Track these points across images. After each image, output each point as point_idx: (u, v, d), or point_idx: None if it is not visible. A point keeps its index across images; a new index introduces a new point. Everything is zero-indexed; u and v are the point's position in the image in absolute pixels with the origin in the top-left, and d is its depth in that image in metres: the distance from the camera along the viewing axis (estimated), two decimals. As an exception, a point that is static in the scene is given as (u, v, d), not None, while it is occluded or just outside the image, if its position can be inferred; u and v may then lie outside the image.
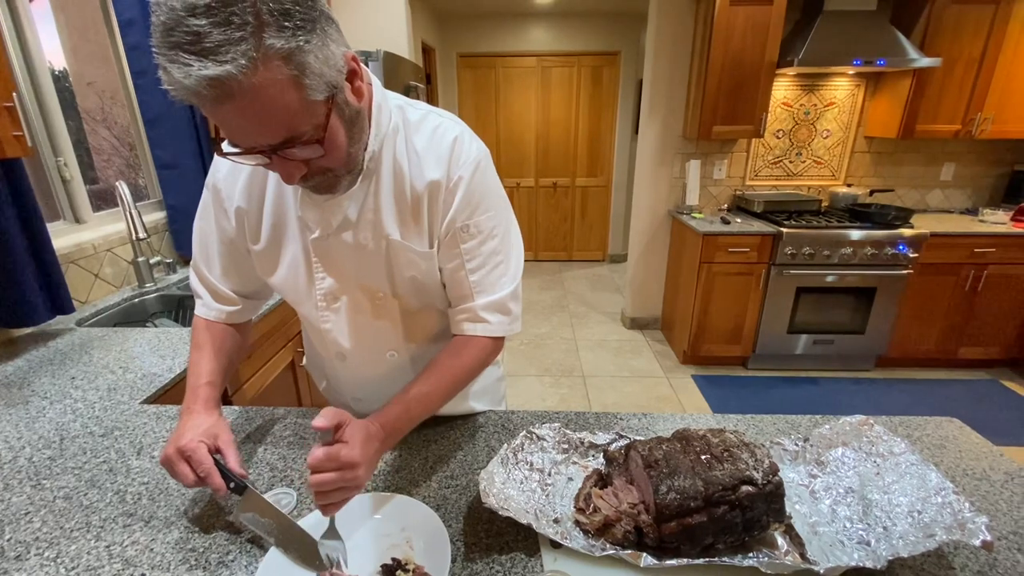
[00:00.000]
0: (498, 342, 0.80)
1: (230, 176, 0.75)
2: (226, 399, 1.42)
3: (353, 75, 0.60)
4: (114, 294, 1.75)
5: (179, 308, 1.84)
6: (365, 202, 0.72)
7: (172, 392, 1.17)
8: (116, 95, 2.03)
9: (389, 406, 0.70)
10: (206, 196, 0.80)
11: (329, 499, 0.60)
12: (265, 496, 0.69)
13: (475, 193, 0.73)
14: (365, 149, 0.69)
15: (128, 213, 1.65)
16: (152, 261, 1.84)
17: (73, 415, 0.99)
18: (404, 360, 0.86)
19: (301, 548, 0.64)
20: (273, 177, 0.74)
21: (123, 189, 1.65)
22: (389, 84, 2.33)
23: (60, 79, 1.75)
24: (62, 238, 1.62)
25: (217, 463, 0.66)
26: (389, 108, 0.72)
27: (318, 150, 0.58)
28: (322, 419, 0.59)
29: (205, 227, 0.81)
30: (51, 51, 1.65)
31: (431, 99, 4.17)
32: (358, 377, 0.86)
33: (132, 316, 1.71)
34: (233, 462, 0.68)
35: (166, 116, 1.90)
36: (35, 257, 1.36)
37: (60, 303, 1.42)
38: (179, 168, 1.97)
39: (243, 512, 0.66)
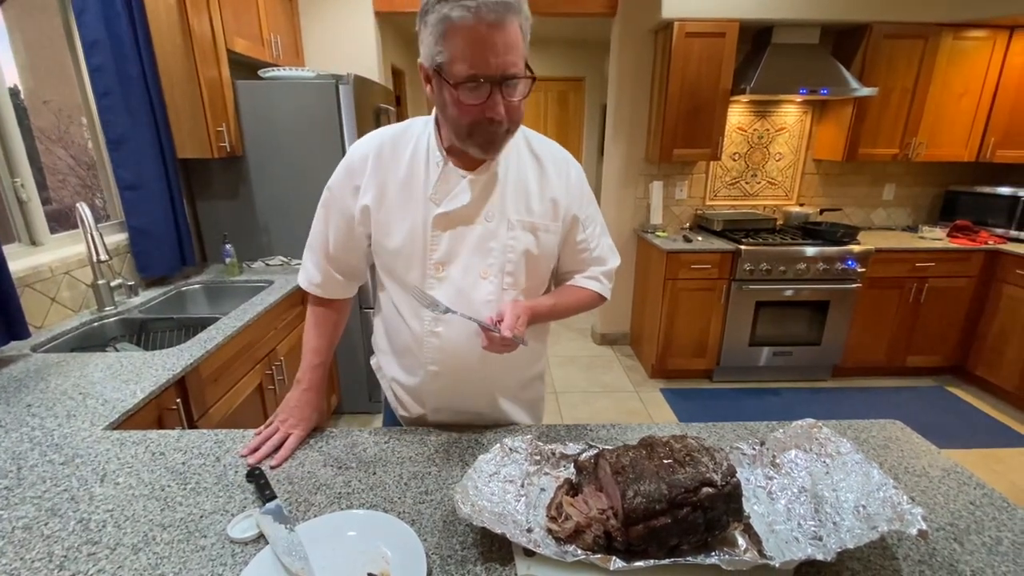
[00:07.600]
0: (601, 299, 1.05)
1: (361, 161, 0.92)
2: (192, 423, 1.39)
3: None
4: (71, 318, 1.69)
5: (141, 332, 1.79)
6: (494, 186, 0.90)
7: (137, 417, 1.14)
8: (74, 114, 1.98)
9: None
10: (325, 195, 0.97)
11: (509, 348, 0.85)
12: (237, 517, 0.74)
13: (584, 192, 0.99)
14: None
15: (89, 235, 1.61)
16: (113, 284, 1.79)
17: (31, 443, 0.96)
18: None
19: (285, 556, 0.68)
20: (405, 162, 0.91)
21: (84, 210, 1.61)
22: (360, 107, 2.36)
23: (12, 95, 1.70)
24: (17, 261, 1.56)
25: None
26: None
27: (525, 91, 0.80)
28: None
29: (324, 215, 0.98)
30: (4, 67, 1.61)
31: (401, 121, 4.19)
32: (445, 343, 0.94)
33: (91, 340, 1.66)
34: (279, 457, 0.89)
35: (131, 137, 1.87)
36: (-12, 281, 1.32)
37: (14, 328, 1.37)
38: (143, 189, 1.94)
39: (261, 513, 0.76)
